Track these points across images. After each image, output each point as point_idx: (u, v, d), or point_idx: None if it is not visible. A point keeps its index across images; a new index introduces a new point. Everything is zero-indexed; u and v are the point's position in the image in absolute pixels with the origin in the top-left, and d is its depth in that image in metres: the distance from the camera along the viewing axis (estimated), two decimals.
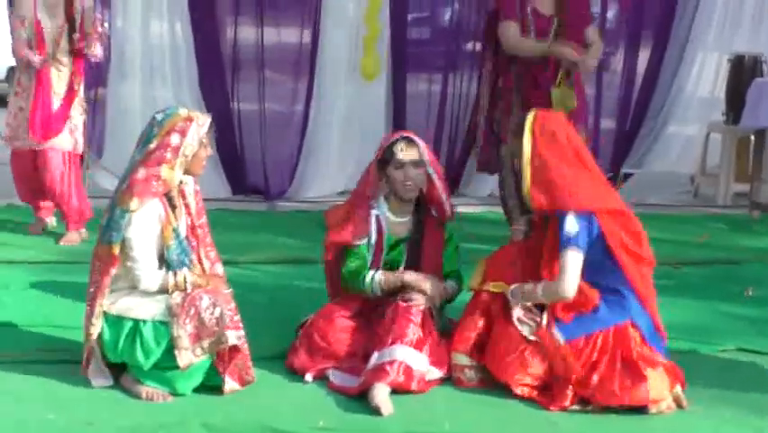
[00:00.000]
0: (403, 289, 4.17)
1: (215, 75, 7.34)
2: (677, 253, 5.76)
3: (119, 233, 3.83)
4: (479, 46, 7.29)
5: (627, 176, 7.82)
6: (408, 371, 3.91)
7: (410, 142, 4.26)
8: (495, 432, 3.63)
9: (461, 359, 4.06)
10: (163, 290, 3.86)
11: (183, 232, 3.98)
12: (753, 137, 7.53)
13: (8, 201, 6.80)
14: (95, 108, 7.31)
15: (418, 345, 3.99)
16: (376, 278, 4.21)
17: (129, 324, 3.86)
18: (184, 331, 3.79)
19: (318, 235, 4.64)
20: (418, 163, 4.23)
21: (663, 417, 3.81)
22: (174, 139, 3.88)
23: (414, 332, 4.00)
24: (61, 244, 6.13)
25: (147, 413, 3.73)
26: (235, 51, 7.35)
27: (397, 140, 4.26)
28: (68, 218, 6.21)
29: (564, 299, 3.93)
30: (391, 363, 3.90)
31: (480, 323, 4.06)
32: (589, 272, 3.96)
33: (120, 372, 3.96)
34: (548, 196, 3.93)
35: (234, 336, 3.86)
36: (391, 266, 4.30)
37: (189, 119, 3.93)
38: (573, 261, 3.90)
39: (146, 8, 7.25)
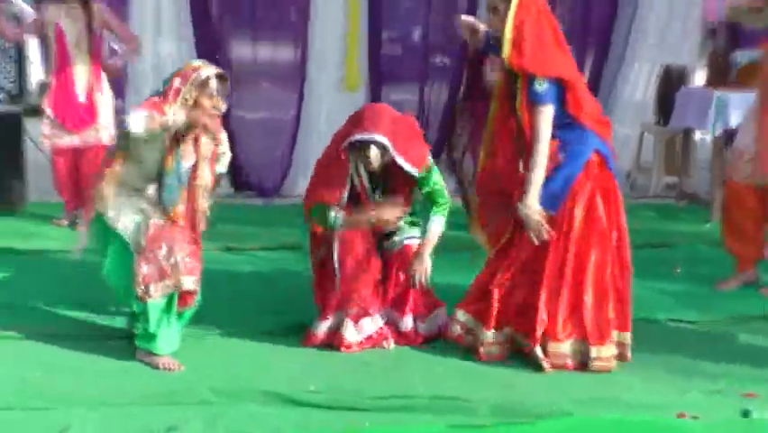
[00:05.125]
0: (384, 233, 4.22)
1: None
2: None
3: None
4: (446, 60, 7.49)
5: None
6: (390, 329, 4.16)
7: (383, 149, 4.00)
8: (469, 395, 3.64)
9: (457, 313, 4.14)
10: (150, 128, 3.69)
11: (184, 168, 3.88)
12: (680, 136, 7.62)
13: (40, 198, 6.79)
14: None
15: (401, 303, 4.18)
16: (339, 217, 4.09)
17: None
18: (141, 271, 3.78)
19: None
20: (384, 155, 4.05)
21: (601, 375, 3.90)
22: (176, 82, 3.83)
23: (411, 299, 4.17)
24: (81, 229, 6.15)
25: (158, 382, 3.74)
26: (234, 68, 7.38)
27: (371, 144, 3.99)
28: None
29: (546, 159, 3.79)
30: (381, 329, 4.14)
31: (484, 277, 4.09)
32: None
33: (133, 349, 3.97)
34: (523, 58, 3.77)
35: (191, 282, 3.85)
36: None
37: (196, 68, 3.88)
38: (545, 116, 3.79)
39: (155, 31, 7.27)
